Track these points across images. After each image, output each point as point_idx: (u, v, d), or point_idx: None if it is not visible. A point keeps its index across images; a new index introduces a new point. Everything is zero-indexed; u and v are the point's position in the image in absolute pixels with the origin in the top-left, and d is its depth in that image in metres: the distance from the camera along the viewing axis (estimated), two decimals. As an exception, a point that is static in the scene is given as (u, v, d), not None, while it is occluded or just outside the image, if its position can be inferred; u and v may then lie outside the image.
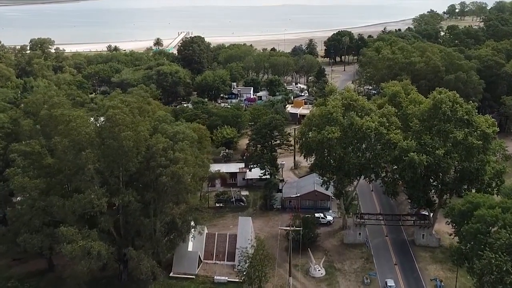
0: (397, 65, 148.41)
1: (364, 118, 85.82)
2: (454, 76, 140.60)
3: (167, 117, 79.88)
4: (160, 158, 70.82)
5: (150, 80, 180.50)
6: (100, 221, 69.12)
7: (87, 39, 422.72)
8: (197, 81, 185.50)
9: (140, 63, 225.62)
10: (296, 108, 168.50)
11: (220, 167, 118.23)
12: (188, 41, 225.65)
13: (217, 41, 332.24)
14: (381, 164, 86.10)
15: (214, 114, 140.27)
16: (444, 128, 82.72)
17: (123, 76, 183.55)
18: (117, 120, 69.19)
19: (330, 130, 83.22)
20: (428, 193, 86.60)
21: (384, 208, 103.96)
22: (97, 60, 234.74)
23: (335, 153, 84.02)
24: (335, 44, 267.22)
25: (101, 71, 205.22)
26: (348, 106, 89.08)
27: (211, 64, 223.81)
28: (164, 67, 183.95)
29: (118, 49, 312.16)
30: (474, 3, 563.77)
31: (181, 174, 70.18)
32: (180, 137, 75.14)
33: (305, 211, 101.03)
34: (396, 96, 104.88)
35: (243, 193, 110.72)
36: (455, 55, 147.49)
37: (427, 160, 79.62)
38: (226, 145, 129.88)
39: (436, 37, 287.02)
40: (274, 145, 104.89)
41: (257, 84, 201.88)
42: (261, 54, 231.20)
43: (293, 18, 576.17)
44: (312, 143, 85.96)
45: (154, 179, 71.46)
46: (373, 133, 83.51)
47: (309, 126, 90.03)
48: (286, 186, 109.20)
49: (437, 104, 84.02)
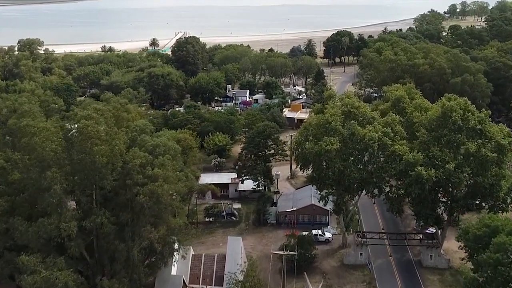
0: (399, 67, 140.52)
1: (366, 128, 77.93)
2: (461, 79, 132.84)
3: (147, 126, 71.85)
4: (137, 176, 62.87)
5: (141, 82, 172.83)
6: (69, 247, 61.15)
7: (82, 39, 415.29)
8: (190, 84, 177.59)
9: (133, 64, 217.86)
10: (293, 112, 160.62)
11: (211, 177, 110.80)
12: (182, 41, 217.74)
13: (214, 41, 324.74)
14: (385, 178, 78.19)
15: (206, 120, 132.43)
16: (454, 139, 74.84)
17: (112, 79, 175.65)
18: (89, 133, 61.23)
19: (329, 141, 75.32)
20: (437, 210, 78.66)
21: (387, 222, 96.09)
22: (88, 61, 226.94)
23: (334, 166, 76.10)
24: (334, 44, 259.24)
25: (91, 73, 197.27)
26: (348, 114, 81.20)
27: (206, 65, 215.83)
28: (156, 69, 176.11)
29: (112, 50, 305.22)
30: (475, 2, 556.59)
31: (160, 193, 62.20)
32: (160, 151, 67.18)
33: (302, 227, 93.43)
34: (400, 102, 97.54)
35: (235, 206, 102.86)
36: (461, 57, 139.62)
37: (436, 175, 71.77)
38: (218, 153, 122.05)
39: (438, 37, 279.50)
40: (268, 155, 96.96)
41: (254, 86, 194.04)
42: (258, 55, 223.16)
43: (292, 18, 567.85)
44: (309, 154, 78.04)
45: (130, 199, 63.47)
46: (376, 144, 75.59)
47: (306, 136, 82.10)
48: (281, 198, 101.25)
49: (447, 112, 76.14)
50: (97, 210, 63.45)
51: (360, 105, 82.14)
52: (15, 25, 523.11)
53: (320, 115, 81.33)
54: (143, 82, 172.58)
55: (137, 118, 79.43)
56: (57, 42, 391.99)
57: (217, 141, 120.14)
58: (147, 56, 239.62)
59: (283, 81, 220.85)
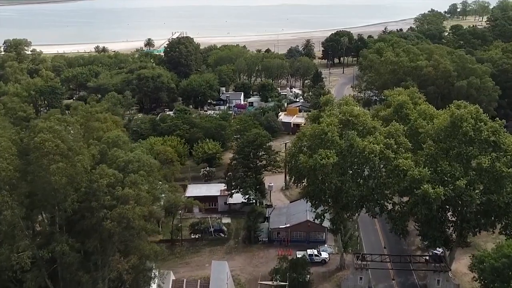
0: (401, 69, 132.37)
1: (366, 139, 69.97)
2: (467, 81, 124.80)
3: (119, 138, 63.65)
4: (104, 197, 54.82)
5: (129, 85, 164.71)
6: (25, 280, 53.15)
7: (77, 40, 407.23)
8: (182, 86, 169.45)
9: (125, 65, 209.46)
10: (289, 116, 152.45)
11: (198, 188, 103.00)
12: (174, 42, 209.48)
13: (211, 41, 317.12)
14: (387, 195, 70.21)
15: (195, 125, 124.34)
16: (465, 152, 66.91)
17: (100, 81, 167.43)
18: (46, 148, 53.15)
19: (324, 154, 67.30)
20: (446, 230, 70.63)
21: (389, 239, 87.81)
22: (78, 62, 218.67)
23: (330, 182, 68.08)
24: (333, 45, 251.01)
25: (79, 75, 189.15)
26: (346, 123, 73.22)
27: (200, 66, 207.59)
28: (145, 70, 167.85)
29: (106, 50, 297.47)
30: (476, 2, 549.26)
31: (130, 217, 54.20)
32: (133, 167, 59.06)
33: (296, 245, 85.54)
34: (403, 108, 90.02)
35: (224, 220, 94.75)
36: (467, 58, 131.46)
37: (444, 193, 63.77)
38: (208, 161, 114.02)
39: (440, 38, 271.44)
40: (260, 166, 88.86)
41: (249, 89, 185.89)
42: (254, 56, 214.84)
43: (291, 18, 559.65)
44: (303, 169, 70.05)
45: (96, 224, 55.40)
46: (378, 158, 67.58)
47: (300, 147, 74.19)
48: (274, 213, 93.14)
49: (456, 122, 68.20)
50: (59, 236, 55.41)
51: (360, 113, 74.06)
52: (9, 25, 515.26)
53: (315, 124, 73.20)
54: (132, 85, 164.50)
55: (111, 128, 71.12)
56: (50, 42, 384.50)
57: (206, 149, 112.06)
58: (139, 57, 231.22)
59: (279, 83, 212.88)
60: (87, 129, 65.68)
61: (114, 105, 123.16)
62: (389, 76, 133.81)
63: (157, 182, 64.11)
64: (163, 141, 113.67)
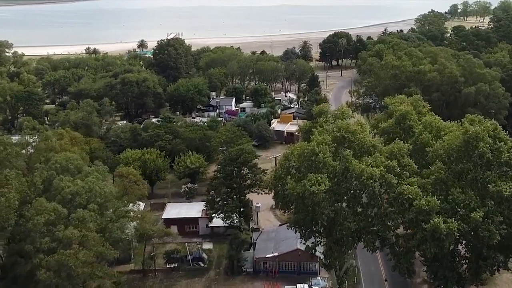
0: (403, 74, 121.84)
1: (363, 160, 59.54)
2: (475, 88, 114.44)
3: (70, 162, 53.15)
4: (41, 239, 44.46)
5: (113, 90, 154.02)
6: None
7: (69, 41, 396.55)
8: (168, 91, 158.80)
9: (112, 68, 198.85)
10: (283, 123, 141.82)
11: (178, 208, 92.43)
12: (163, 44, 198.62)
13: (206, 43, 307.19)
14: (390, 227, 59.79)
15: (179, 136, 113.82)
16: (482, 177, 56.59)
17: (81, 86, 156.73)
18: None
19: (315, 180, 56.88)
20: (459, 268, 60.17)
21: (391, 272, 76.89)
22: (63, 65, 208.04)
23: (321, 212, 57.67)
24: (331, 46, 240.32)
25: (61, 79, 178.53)
26: (341, 141, 62.80)
27: (190, 70, 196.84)
28: (130, 74, 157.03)
29: (97, 52, 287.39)
30: (477, 2, 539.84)
31: (72, 264, 43.78)
32: (82, 200, 48.65)
33: (285, 277, 74.99)
34: (406, 119, 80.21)
35: (205, 246, 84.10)
36: (475, 63, 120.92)
37: (458, 227, 53.40)
38: (191, 176, 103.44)
39: (442, 39, 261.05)
40: (243, 187, 78.27)
41: (241, 93, 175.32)
42: (247, 58, 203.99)
43: (289, 19, 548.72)
44: (290, 196, 59.65)
45: (32, 271, 44.96)
46: (378, 184, 57.16)
47: (287, 169, 63.75)
48: (261, 238, 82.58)
49: (471, 141, 57.81)
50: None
51: (357, 129, 63.49)
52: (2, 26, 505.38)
53: (304, 143, 62.72)
54: (116, 90, 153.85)
55: (67, 148, 60.54)
56: (41, 43, 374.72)
57: (188, 162, 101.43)
58: (127, 60, 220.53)
59: (274, 87, 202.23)
60: (38, 150, 55.20)
61: (89, 114, 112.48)
62: (390, 81, 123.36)
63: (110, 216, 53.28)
64: (141, 154, 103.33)
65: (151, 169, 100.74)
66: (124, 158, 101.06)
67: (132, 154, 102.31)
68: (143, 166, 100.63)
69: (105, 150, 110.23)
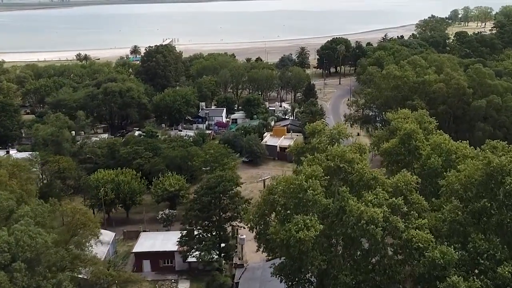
0: (406, 85, 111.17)
1: (363, 198, 48.70)
2: (486, 100, 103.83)
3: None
4: None
5: (94, 100, 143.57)
6: None
7: (61, 46, 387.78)
8: (154, 102, 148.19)
9: (99, 76, 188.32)
10: (276, 137, 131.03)
11: (153, 239, 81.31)
12: (152, 50, 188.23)
13: (202, 49, 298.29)
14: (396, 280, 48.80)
15: (158, 153, 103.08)
16: (510, 221, 45.76)
17: (60, 96, 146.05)
18: None
19: (303, 223, 46.04)
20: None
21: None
22: (47, 72, 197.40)
23: (310, 263, 46.77)
24: (329, 53, 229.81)
25: (42, 88, 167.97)
26: (336, 172, 52.02)
27: (180, 78, 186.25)
28: (113, 84, 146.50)
29: (88, 58, 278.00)
30: (478, 7, 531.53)
31: None
32: (4, 258, 37.62)
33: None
34: (411, 138, 69.99)
35: (181, 285, 73.22)
36: (485, 73, 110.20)
37: (481, 285, 42.55)
38: (170, 200, 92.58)
39: (445, 45, 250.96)
40: (223, 220, 67.40)
41: (232, 103, 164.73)
42: (240, 66, 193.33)
43: (288, 24, 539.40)
44: (272, 241, 48.81)
45: None
46: (380, 229, 46.29)
47: (271, 205, 52.88)
48: (244, 277, 71.55)
49: (495, 175, 47.00)
50: None
51: (355, 157, 52.64)
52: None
53: (290, 176, 51.75)
54: (97, 100, 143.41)
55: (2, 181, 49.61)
56: (32, 49, 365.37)
57: (167, 185, 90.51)
58: (115, 67, 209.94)
59: (269, 96, 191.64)
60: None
61: (59, 129, 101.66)
62: (391, 93, 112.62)
63: (46, 271, 42.34)
64: (115, 175, 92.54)
65: (125, 193, 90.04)
66: (95, 180, 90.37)
67: (104, 175, 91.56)
68: (116, 189, 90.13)
69: (77, 170, 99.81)
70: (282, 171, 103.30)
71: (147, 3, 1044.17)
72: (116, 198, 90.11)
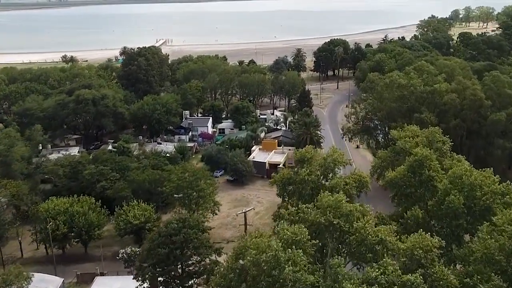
0: (413, 96, 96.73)
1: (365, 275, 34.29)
2: (506, 113, 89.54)
3: None
4: None
5: (65, 109, 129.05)
6: None
7: (49, 47, 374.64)
8: (131, 111, 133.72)
9: (79, 80, 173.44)
10: (265, 152, 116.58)
11: (109, 285, 66.89)
12: (134, 53, 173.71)
13: (194, 50, 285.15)
14: None
15: (125, 175, 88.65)
16: None
17: (27, 104, 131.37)
18: None
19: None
20: None
21: None
22: (23, 77, 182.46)
23: None
24: (326, 55, 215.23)
25: (12, 94, 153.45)
26: (329, 230, 37.58)
27: (164, 83, 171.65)
28: (86, 91, 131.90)
29: (75, 60, 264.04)
30: (480, 8, 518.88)
31: None
32: None
33: None
34: (423, 167, 56.94)
35: None
36: (504, 81, 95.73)
37: None
38: (136, 234, 77.94)
39: (448, 47, 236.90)
40: (187, 276, 52.93)
41: (220, 112, 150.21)
42: (230, 69, 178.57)
43: (286, 24, 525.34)
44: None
45: None
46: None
47: (239, 274, 38.40)
48: None
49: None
50: None
51: (353, 209, 38.15)
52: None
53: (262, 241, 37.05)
54: (68, 109, 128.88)
55: None
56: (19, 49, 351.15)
57: (131, 216, 75.95)
58: (97, 71, 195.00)
59: (261, 103, 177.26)
60: None
61: (9, 148, 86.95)
62: (395, 104, 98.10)
63: None
64: (69, 204, 78.03)
65: (81, 226, 75.56)
66: (45, 211, 75.92)
67: (56, 205, 77.08)
68: (70, 221, 75.76)
69: (30, 195, 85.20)
70: (269, 195, 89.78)
71: (147, 3, 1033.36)
72: (69, 232, 75.77)
